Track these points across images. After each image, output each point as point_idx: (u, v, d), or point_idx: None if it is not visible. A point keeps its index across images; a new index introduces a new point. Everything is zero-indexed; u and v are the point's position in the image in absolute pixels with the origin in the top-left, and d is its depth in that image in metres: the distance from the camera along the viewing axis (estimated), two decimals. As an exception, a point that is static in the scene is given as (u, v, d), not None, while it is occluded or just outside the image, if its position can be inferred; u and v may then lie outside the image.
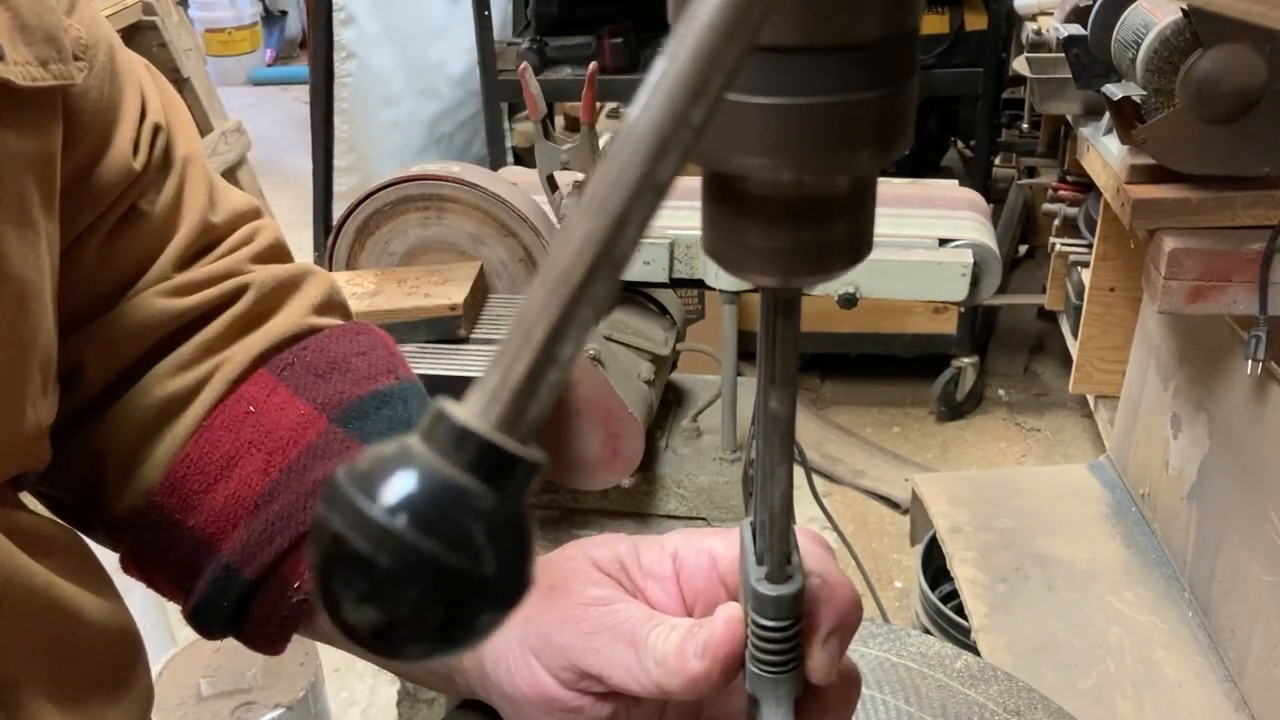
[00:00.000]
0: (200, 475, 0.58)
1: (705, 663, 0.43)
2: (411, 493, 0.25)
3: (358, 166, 3.15)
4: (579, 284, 0.25)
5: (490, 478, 0.25)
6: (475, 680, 0.53)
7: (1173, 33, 1.36)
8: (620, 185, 0.24)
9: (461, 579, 0.25)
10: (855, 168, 0.32)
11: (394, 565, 0.24)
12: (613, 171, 0.24)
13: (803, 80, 0.30)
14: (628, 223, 0.24)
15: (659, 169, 0.24)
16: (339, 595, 0.25)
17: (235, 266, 0.62)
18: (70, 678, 0.54)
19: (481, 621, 0.25)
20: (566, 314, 0.25)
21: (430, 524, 0.24)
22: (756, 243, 0.34)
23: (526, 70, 1.49)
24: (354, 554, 0.25)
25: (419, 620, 0.25)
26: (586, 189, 0.25)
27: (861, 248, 0.35)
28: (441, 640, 0.26)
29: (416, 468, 0.25)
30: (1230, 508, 1.48)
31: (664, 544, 0.50)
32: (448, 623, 0.25)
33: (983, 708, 0.68)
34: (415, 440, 0.26)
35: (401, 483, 0.25)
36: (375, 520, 0.25)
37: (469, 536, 0.25)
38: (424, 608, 0.25)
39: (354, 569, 0.25)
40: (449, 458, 0.25)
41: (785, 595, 0.42)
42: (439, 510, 0.25)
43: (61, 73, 0.51)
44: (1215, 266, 1.42)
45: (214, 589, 0.57)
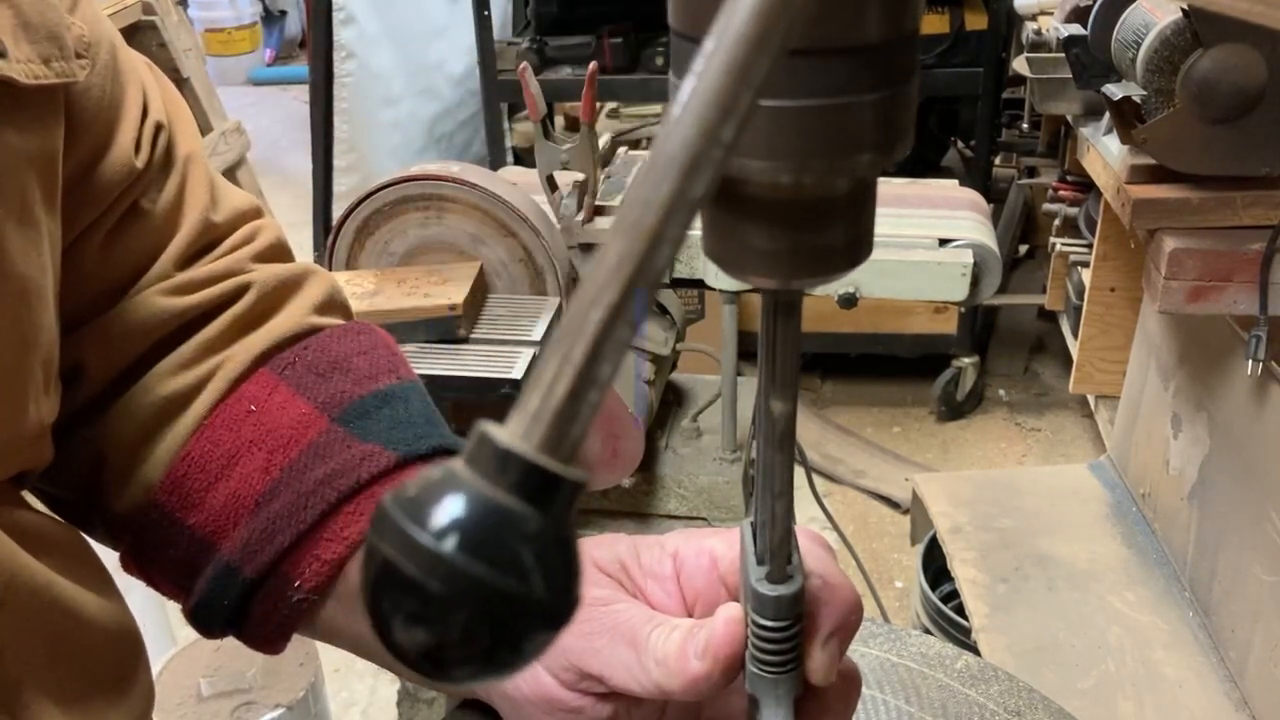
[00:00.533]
0: (201, 474, 0.58)
1: (706, 663, 0.43)
2: (459, 517, 0.25)
3: (357, 166, 3.15)
4: (616, 303, 0.25)
5: (535, 499, 0.25)
6: None
7: (1173, 32, 1.36)
8: (653, 204, 0.25)
9: (511, 601, 0.25)
10: (855, 170, 0.32)
11: (444, 590, 0.25)
12: (646, 190, 0.25)
13: (802, 83, 0.30)
14: (662, 241, 0.25)
15: (691, 187, 0.24)
16: (389, 619, 0.26)
17: (236, 265, 0.62)
18: (72, 677, 0.54)
19: (531, 642, 0.26)
20: (605, 333, 0.25)
21: (478, 547, 0.25)
22: (756, 245, 0.34)
23: (526, 70, 1.49)
24: (404, 579, 0.25)
25: (468, 643, 0.25)
26: (620, 208, 0.25)
27: (861, 250, 0.35)
28: (489, 662, 0.26)
29: (463, 492, 0.25)
30: (1231, 508, 1.48)
31: (664, 544, 0.50)
32: (496, 645, 0.26)
33: (983, 708, 0.68)
34: (460, 464, 0.26)
35: (449, 507, 0.25)
36: (424, 546, 0.25)
37: (517, 559, 0.25)
38: (474, 630, 0.25)
39: (405, 593, 0.25)
40: (494, 481, 0.25)
41: (785, 595, 0.42)
42: (487, 533, 0.25)
43: (64, 70, 0.51)
44: (1216, 266, 1.42)
45: (214, 588, 0.57)
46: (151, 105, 0.60)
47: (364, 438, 0.58)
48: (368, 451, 0.57)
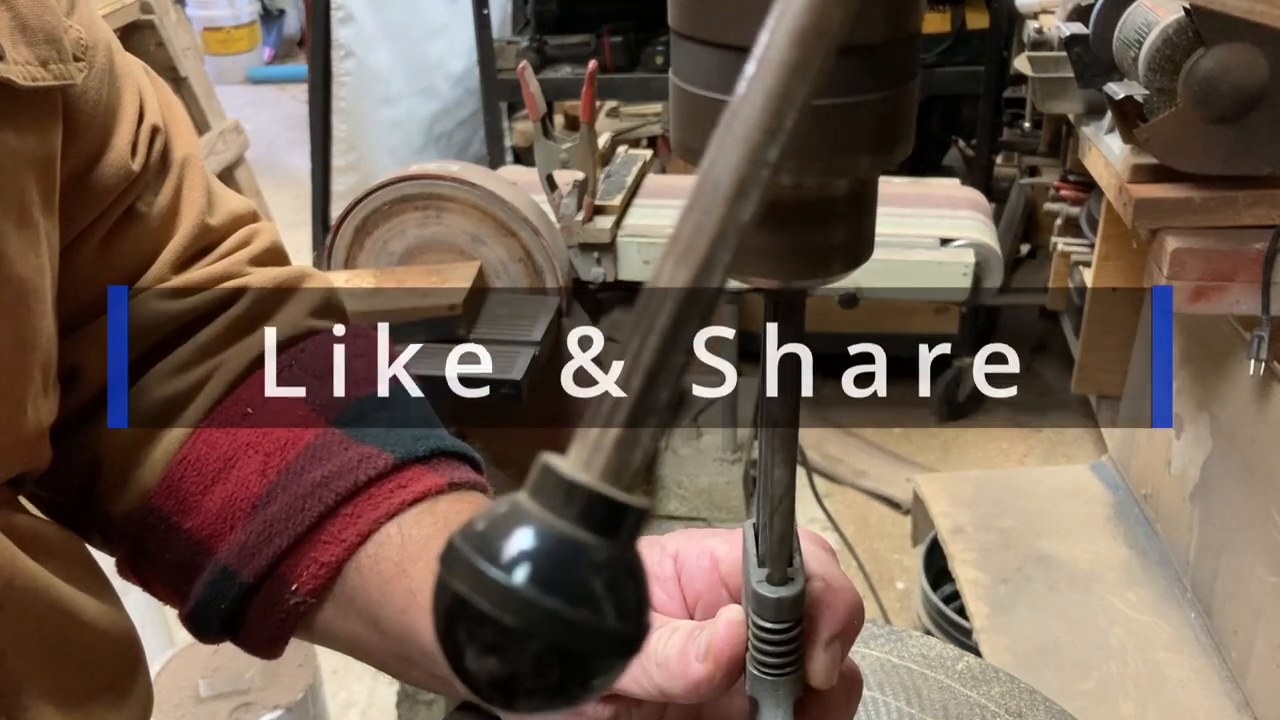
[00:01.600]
0: (197, 477, 0.58)
1: (708, 666, 0.43)
2: (528, 550, 0.26)
3: (356, 166, 3.15)
4: (670, 330, 0.26)
5: (602, 529, 0.26)
6: None
7: (1175, 31, 1.36)
8: (704, 230, 0.25)
9: (583, 632, 0.25)
10: (855, 171, 0.32)
11: (518, 623, 0.25)
12: (696, 217, 0.25)
13: None
14: (715, 266, 0.25)
15: (740, 211, 0.25)
16: (463, 651, 0.26)
17: (233, 269, 0.62)
18: (71, 681, 0.54)
19: (602, 671, 0.26)
20: (660, 362, 0.26)
21: (550, 580, 0.25)
22: (757, 245, 0.33)
23: (526, 69, 1.49)
24: (478, 614, 0.25)
25: (540, 674, 0.26)
26: (672, 235, 0.26)
27: (862, 251, 0.35)
28: (559, 693, 0.26)
29: (531, 525, 0.26)
30: (1233, 508, 1.47)
31: (664, 545, 0.49)
32: (567, 675, 0.26)
33: (984, 709, 0.68)
34: (525, 497, 0.26)
35: (518, 541, 0.26)
36: (496, 581, 0.25)
37: (588, 589, 0.26)
38: (546, 662, 0.26)
39: (479, 627, 0.26)
40: (560, 513, 0.26)
41: (786, 598, 0.42)
42: (557, 566, 0.25)
43: (61, 73, 0.51)
44: (1218, 266, 1.41)
45: (210, 592, 0.57)
46: (148, 108, 0.60)
47: (361, 440, 0.58)
48: (365, 454, 0.57)
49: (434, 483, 0.57)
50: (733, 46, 0.30)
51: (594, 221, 1.58)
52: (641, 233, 1.60)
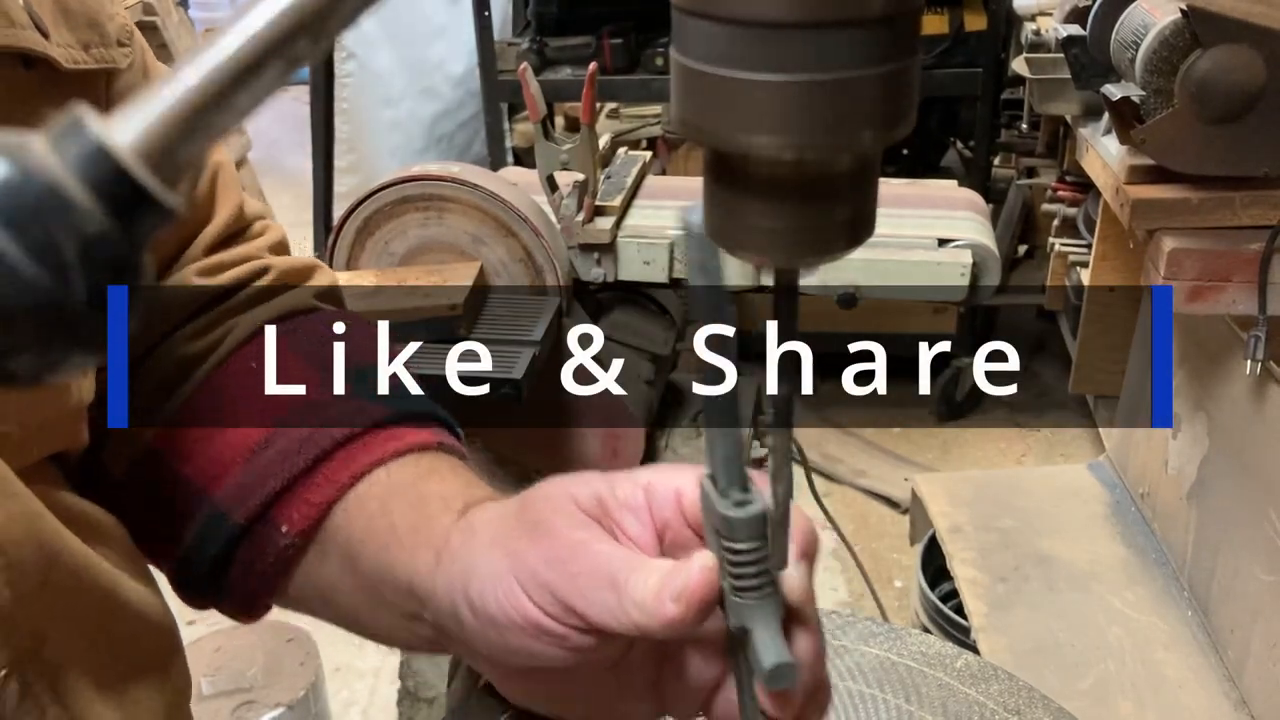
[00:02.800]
0: (199, 423, 0.60)
1: (680, 606, 0.46)
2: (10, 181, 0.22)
3: (358, 166, 3.15)
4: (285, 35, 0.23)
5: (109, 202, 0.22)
6: (447, 611, 0.53)
7: (1172, 33, 1.36)
8: None
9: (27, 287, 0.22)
10: (858, 146, 0.32)
11: None
12: None
13: (805, 56, 0.29)
14: None
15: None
16: None
17: (257, 253, 0.67)
18: (112, 662, 0.54)
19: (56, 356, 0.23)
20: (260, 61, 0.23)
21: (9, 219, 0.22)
22: (758, 222, 0.33)
23: (526, 70, 1.49)
24: None
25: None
26: None
27: (863, 229, 0.35)
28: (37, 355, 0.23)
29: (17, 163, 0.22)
30: (1230, 507, 1.48)
31: (638, 477, 0.52)
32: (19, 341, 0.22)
33: (983, 706, 0.68)
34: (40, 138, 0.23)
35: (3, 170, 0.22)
36: None
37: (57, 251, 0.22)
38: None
39: None
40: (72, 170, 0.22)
41: (755, 515, 0.45)
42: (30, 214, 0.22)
43: (104, 56, 0.53)
44: (1214, 267, 1.42)
45: (200, 536, 0.58)
46: None
47: (363, 395, 0.61)
48: (364, 405, 0.60)
49: (426, 438, 0.60)
50: (737, 20, 0.30)
51: (594, 222, 1.58)
52: (641, 233, 1.61)
